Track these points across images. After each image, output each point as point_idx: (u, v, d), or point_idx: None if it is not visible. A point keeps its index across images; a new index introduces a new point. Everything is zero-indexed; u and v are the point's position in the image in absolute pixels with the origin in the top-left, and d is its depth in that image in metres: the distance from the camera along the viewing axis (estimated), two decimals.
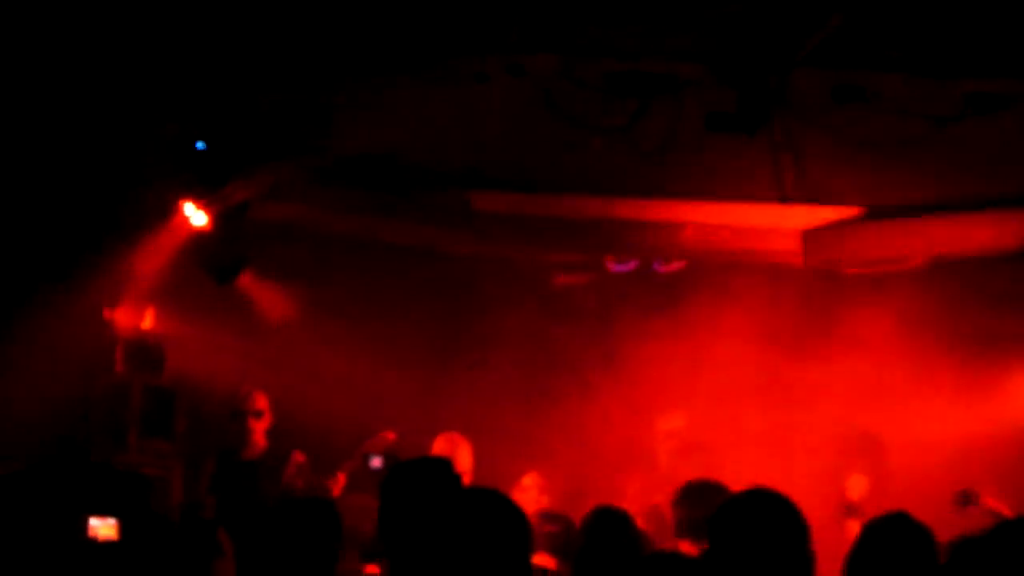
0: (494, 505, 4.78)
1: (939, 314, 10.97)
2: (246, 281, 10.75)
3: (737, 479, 7.79)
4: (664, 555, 5.98)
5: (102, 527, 7.59)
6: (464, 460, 9.54)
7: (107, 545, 7.50)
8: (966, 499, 9.52)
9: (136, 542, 7.37)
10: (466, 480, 9.23)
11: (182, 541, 7.37)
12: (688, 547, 7.32)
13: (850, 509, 9.75)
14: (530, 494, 9.76)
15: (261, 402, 9.96)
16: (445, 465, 5.84)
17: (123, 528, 7.64)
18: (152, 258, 10.25)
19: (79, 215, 9.78)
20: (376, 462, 9.42)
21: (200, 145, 9.45)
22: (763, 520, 4.63)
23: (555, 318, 12.10)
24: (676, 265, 11.97)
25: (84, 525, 7.36)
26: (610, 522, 7.17)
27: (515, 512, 4.78)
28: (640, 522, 7.75)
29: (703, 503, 7.21)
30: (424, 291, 11.76)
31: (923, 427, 10.81)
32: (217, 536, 7.73)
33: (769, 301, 11.22)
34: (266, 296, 11.16)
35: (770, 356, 11.30)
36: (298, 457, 9.82)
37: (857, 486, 10.18)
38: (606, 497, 9.03)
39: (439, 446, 9.65)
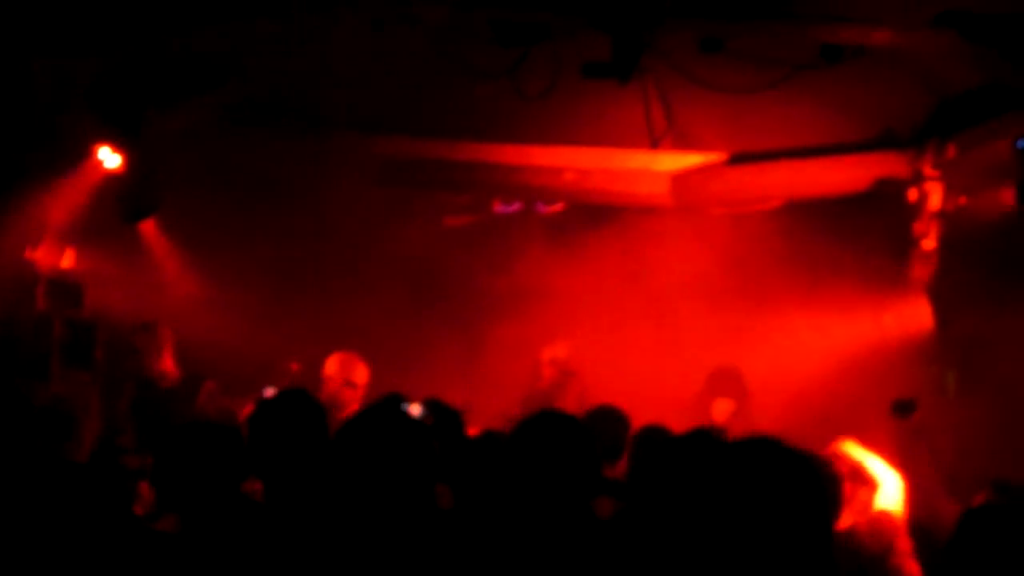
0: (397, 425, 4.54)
1: (794, 250, 10.90)
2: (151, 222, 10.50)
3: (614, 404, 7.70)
4: None
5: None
6: (360, 376, 9.10)
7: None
8: (905, 408, 9.34)
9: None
10: (360, 395, 9.00)
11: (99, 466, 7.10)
12: None
13: (715, 431, 9.56)
14: None
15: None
16: (304, 396, 5.53)
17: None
18: (69, 199, 9.98)
19: None
20: (270, 393, 9.06)
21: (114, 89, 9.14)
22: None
23: (447, 254, 11.85)
24: (557, 207, 11.82)
25: None
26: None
27: (420, 431, 4.54)
28: None
29: (608, 427, 7.11)
30: (323, 229, 11.47)
31: (779, 355, 10.72)
32: (133, 458, 7.43)
33: (642, 239, 11.17)
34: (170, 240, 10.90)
35: (644, 290, 11.27)
36: (209, 385, 9.56)
37: (722, 410, 10.05)
38: (487, 418, 8.90)
39: (336, 363, 9.17)
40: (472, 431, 7.44)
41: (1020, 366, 9.87)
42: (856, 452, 7.86)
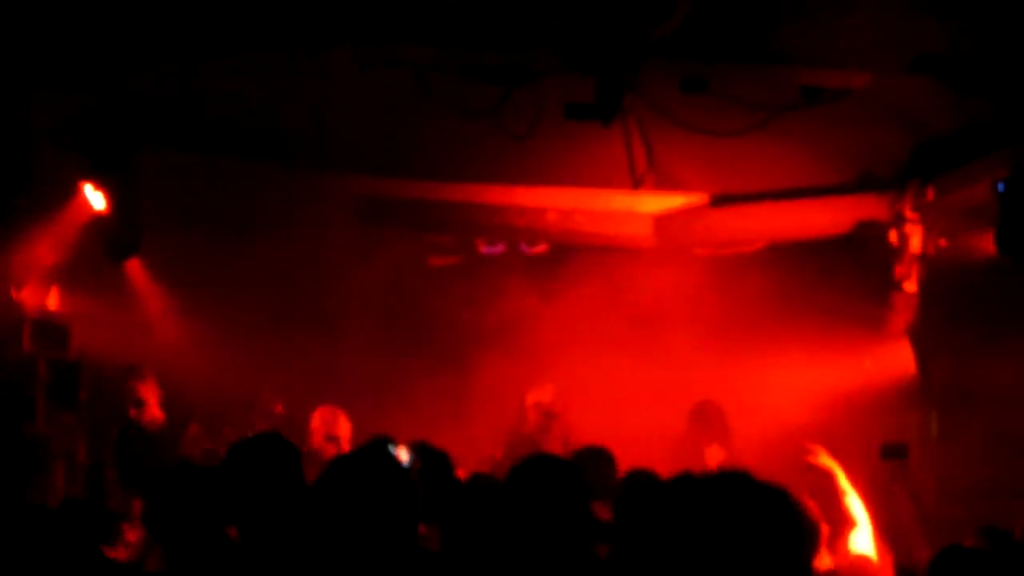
0: (378, 468, 4.50)
1: (776, 292, 10.90)
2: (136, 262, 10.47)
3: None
4: None
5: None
6: (342, 430, 9.22)
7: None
8: (895, 452, 9.36)
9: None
10: (343, 448, 9.02)
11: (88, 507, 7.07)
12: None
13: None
14: None
15: (140, 391, 9.64)
16: (278, 439, 5.48)
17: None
18: (55, 240, 9.96)
19: None
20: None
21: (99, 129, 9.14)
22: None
23: (431, 295, 11.85)
24: (541, 247, 11.82)
25: None
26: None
27: (401, 475, 4.50)
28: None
29: (595, 467, 7.01)
30: (307, 269, 11.43)
31: (762, 396, 10.69)
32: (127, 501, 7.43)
33: (625, 279, 11.15)
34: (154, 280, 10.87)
35: (629, 330, 11.27)
36: (193, 428, 9.58)
37: (715, 456, 10.03)
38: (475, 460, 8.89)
39: (319, 418, 9.29)
40: (460, 473, 7.42)
41: (1002, 409, 9.88)
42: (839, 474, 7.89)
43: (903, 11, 7.44)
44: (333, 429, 9.17)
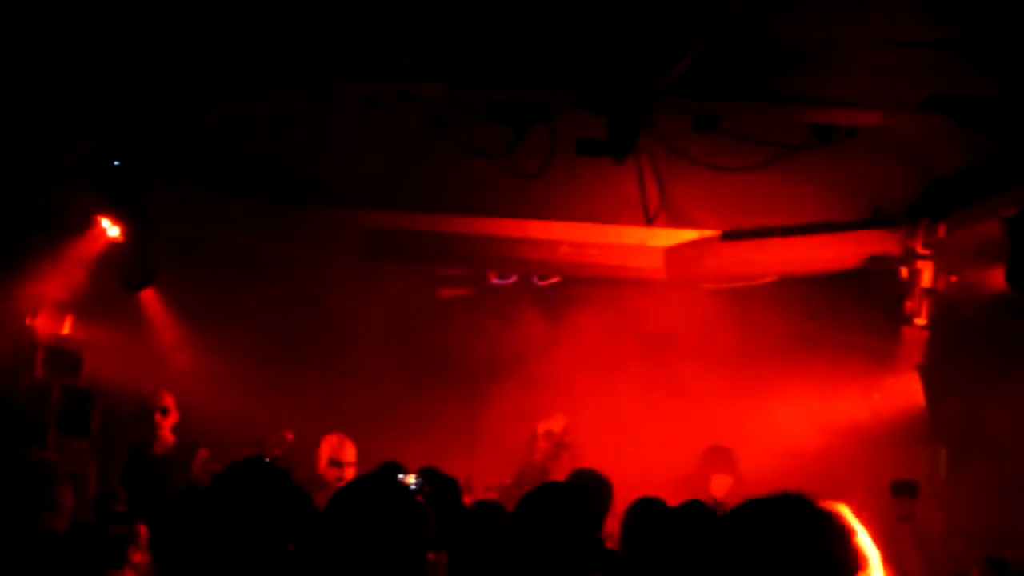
0: (386, 496, 4.52)
1: (787, 326, 10.90)
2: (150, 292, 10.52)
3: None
4: None
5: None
6: (347, 455, 9.40)
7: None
8: (906, 490, 9.36)
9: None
10: (348, 473, 9.16)
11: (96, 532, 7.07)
12: None
13: (715, 504, 9.55)
14: None
15: (167, 400, 9.67)
16: (261, 463, 5.48)
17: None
18: (70, 269, 10.02)
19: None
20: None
21: (116, 163, 9.20)
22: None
23: (443, 325, 11.89)
24: (552, 279, 11.86)
25: None
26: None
27: (410, 502, 4.52)
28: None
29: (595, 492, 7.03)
30: (319, 300, 11.46)
31: (771, 429, 10.67)
32: (132, 525, 7.41)
33: (636, 311, 11.17)
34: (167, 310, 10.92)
35: (640, 362, 11.28)
36: (203, 452, 9.58)
37: (721, 484, 10.01)
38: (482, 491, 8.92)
39: (325, 444, 9.48)
40: (467, 500, 7.45)
41: (1011, 445, 9.86)
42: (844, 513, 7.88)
43: (912, 51, 7.48)
44: (338, 454, 9.37)
